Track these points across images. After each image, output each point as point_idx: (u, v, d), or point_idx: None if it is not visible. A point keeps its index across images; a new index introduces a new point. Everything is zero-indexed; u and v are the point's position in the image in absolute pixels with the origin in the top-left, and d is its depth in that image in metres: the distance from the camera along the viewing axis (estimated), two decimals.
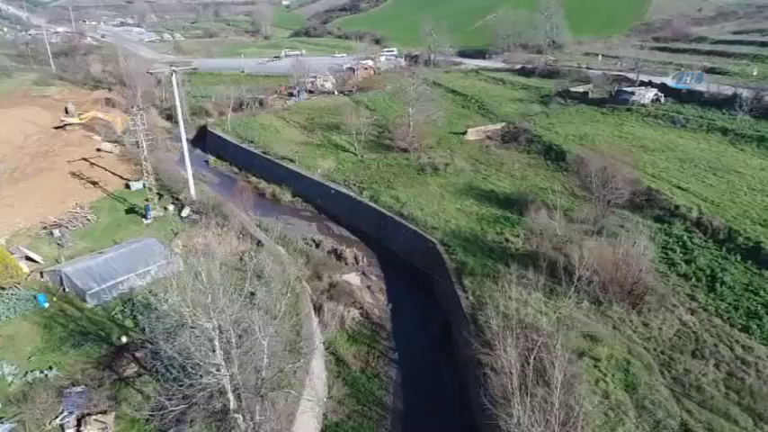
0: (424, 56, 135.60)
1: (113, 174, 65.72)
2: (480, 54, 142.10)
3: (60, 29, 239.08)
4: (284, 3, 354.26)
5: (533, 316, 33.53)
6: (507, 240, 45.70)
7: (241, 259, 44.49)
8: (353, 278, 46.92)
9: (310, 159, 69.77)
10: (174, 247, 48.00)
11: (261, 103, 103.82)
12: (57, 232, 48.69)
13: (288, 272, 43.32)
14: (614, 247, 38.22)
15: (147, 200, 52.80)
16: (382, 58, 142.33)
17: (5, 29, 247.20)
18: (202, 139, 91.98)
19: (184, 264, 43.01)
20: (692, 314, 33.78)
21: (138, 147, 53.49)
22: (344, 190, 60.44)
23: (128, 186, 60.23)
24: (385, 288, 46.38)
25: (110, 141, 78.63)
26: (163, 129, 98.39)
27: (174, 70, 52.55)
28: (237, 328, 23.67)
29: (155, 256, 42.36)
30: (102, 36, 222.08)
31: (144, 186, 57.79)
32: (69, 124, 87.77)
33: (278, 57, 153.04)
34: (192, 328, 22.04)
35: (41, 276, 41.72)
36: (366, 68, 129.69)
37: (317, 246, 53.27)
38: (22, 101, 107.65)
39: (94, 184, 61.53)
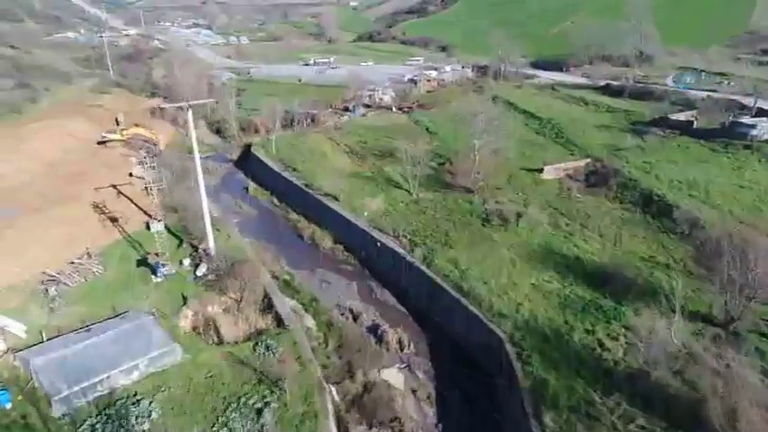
0: (494, 67, 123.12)
1: (138, 207, 58.88)
2: (556, 66, 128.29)
3: (133, 31, 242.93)
4: (352, 4, 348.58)
5: None
6: (602, 345, 34.19)
7: (254, 347, 35.60)
8: (395, 376, 36.85)
9: (357, 197, 60.11)
10: (181, 317, 39.84)
11: (313, 120, 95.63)
12: (52, 290, 41.60)
13: (309, 369, 34.09)
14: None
15: (157, 254, 44.93)
16: (447, 68, 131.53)
17: (82, 30, 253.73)
18: (246, 160, 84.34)
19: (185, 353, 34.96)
20: None
21: (149, 189, 46.08)
22: (393, 244, 50.24)
23: (148, 227, 52.92)
24: (434, 394, 35.94)
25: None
26: (209, 147, 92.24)
27: (189, 105, 44.52)
28: None
29: (148, 342, 34.17)
30: (175, 37, 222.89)
31: (164, 228, 50.54)
32: (110, 140, 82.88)
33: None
34: None
35: (14, 359, 34.36)
36: (429, 81, 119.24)
37: (355, 319, 43.63)
38: (73, 110, 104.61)
39: (114, 220, 54.77)
